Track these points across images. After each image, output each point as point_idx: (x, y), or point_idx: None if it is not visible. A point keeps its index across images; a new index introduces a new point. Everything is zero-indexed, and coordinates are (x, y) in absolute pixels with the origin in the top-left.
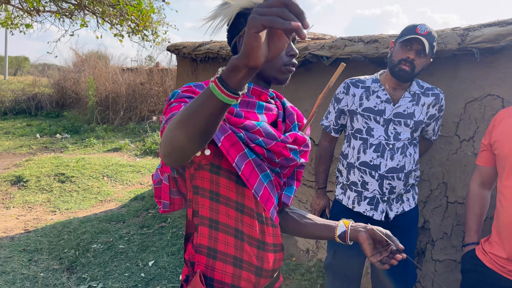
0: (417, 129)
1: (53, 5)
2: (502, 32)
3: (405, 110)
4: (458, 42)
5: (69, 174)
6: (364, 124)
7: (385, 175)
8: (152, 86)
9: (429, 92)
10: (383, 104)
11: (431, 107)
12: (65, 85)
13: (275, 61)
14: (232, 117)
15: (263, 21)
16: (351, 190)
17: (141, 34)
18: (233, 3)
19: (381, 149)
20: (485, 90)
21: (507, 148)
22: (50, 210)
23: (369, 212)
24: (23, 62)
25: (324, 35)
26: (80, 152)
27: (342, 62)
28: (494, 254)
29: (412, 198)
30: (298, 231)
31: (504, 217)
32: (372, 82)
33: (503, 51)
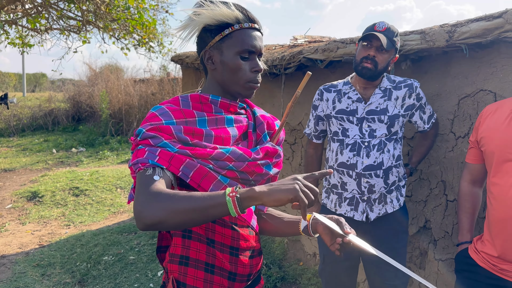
0: (393, 124)
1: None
2: (489, 26)
3: (377, 107)
4: (446, 39)
5: (83, 188)
6: (339, 126)
7: (362, 173)
8: (164, 95)
9: (401, 84)
10: (355, 104)
11: (407, 98)
12: (80, 99)
13: (239, 78)
14: (200, 151)
15: (298, 197)
16: (333, 193)
17: (146, 46)
18: (197, 19)
19: (357, 147)
20: (477, 85)
21: (493, 145)
22: (64, 224)
23: (350, 213)
24: (41, 79)
25: (322, 37)
26: (95, 165)
27: (308, 71)
28: (486, 253)
29: (397, 200)
30: (272, 232)
31: (493, 215)
32: (344, 85)
33: (493, 46)
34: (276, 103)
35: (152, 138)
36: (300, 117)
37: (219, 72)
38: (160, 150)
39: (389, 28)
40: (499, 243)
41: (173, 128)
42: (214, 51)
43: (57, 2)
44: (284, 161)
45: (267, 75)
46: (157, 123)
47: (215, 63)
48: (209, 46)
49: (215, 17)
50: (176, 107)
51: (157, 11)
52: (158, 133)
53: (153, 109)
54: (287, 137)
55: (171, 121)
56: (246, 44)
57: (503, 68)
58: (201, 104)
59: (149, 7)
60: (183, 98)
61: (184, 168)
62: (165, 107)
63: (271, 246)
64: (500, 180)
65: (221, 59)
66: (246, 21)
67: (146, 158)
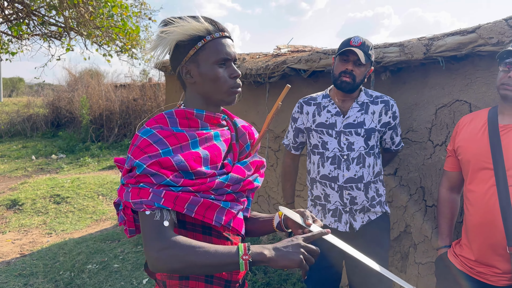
0: (369, 137)
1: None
2: (464, 40)
3: (355, 120)
4: (423, 51)
5: (65, 195)
6: (319, 139)
7: (343, 185)
8: (146, 101)
9: (378, 100)
10: (334, 117)
11: (384, 114)
12: (60, 104)
13: (220, 86)
14: (201, 185)
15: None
16: (317, 204)
17: (129, 52)
18: (169, 37)
19: (337, 161)
20: (453, 96)
21: (469, 154)
22: (46, 232)
23: (334, 224)
24: (18, 83)
25: (305, 47)
26: (75, 171)
27: (287, 84)
28: (464, 256)
29: (381, 208)
30: (251, 233)
31: (470, 220)
32: (323, 98)
33: (468, 59)
34: (260, 110)
35: (154, 176)
36: (285, 124)
37: (200, 84)
38: (165, 192)
39: (364, 42)
40: (476, 247)
41: (173, 160)
42: (190, 64)
43: (39, 8)
44: (269, 167)
45: (252, 84)
46: (155, 154)
47: (193, 76)
48: (185, 61)
49: (186, 32)
50: (166, 128)
51: (140, 18)
52: (160, 170)
53: (144, 133)
54: (272, 144)
55: (168, 150)
56: (221, 53)
57: (477, 80)
58: (187, 120)
59: (132, 15)
60: (169, 115)
61: (188, 205)
62: (157, 132)
63: None
64: (476, 187)
65: (199, 71)
66: (217, 31)
67: (151, 200)
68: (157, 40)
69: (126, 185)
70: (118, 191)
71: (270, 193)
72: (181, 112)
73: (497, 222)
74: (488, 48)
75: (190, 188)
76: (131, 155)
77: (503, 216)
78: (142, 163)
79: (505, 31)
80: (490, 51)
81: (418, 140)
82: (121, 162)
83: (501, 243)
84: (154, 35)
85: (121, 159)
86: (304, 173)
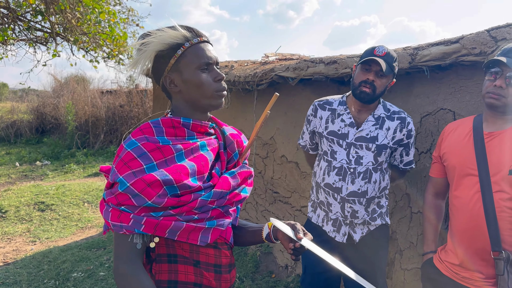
0: (380, 153)
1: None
2: (447, 50)
3: (368, 134)
4: (408, 61)
5: (49, 202)
6: (329, 147)
7: (346, 198)
8: (132, 108)
9: (394, 116)
10: (347, 128)
11: (398, 131)
12: (44, 110)
13: (206, 90)
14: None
15: None
16: (320, 208)
17: (116, 59)
18: (147, 49)
19: (343, 172)
20: (438, 104)
21: (454, 160)
22: (30, 240)
23: (332, 233)
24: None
25: (292, 55)
26: (61, 178)
27: (276, 93)
28: (449, 262)
29: (382, 220)
30: (239, 242)
31: (455, 226)
32: (339, 105)
33: (452, 68)
34: (248, 117)
35: (136, 197)
36: (272, 131)
37: (185, 91)
38: (145, 219)
39: (388, 53)
40: (461, 252)
41: (157, 176)
42: (173, 74)
43: (24, 13)
44: (256, 174)
45: (240, 91)
46: (139, 170)
47: (178, 85)
48: (167, 71)
49: (164, 41)
50: (152, 139)
51: (127, 25)
52: (143, 191)
53: (129, 146)
54: (260, 150)
55: (152, 165)
56: (202, 58)
57: (461, 89)
58: (174, 129)
59: (120, 21)
60: (155, 124)
61: (170, 231)
62: (141, 146)
63: (243, 259)
64: (461, 193)
65: (183, 78)
66: (195, 37)
67: (131, 226)
68: (137, 54)
69: (107, 202)
70: (100, 203)
71: (258, 200)
72: (168, 121)
73: (481, 227)
74: (471, 58)
75: (172, 212)
76: (115, 168)
77: (487, 221)
78: (126, 181)
79: (487, 41)
80: (473, 61)
81: None
82: (108, 171)
83: (486, 248)
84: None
85: (107, 168)
86: (292, 180)
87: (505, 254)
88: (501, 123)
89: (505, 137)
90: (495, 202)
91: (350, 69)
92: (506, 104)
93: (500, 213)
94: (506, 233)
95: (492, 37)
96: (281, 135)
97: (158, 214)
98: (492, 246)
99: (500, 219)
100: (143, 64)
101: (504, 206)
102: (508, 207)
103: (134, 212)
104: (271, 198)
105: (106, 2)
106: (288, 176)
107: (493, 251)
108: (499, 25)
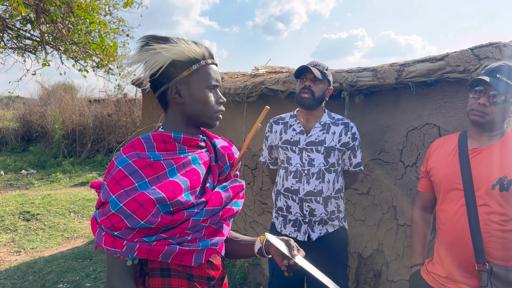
0: (329, 154)
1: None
2: (433, 67)
3: (317, 138)
4: (395, 76)
5: (35, 212)
6: (284, 155)
7: (303, 198)
8: (120, 117)
9: (339, 122)
10: (298, 135)
11: (344, 135)
12: (31, 119)
13: (209, 109)
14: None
15: None
16: (279, 215)
17: (105, 68)
18: (167, 53)
19: (298, 175)
20: (423, 119)
21: (441, 175)
22: (14, 250)
23: (293, 234)
24: None
25: (282, 68)
26: (46, 188)
27: (267, 106)
28: (435, 273)
29: (338, 221)
30: (230, 254)
31: (441, 238)
32: (290, 118)
33: (437, 84)
34: (238, 129)
35: (128, 218)
36: (261, 143)
37: (188, 105)
38: (138, 246)
39: (318, 64)
40: (447, 264)
41: (149, 194)
42: (181, 85)
43: (14, 22)
44: (246, 185)
45: (230, 102)
46: (131, 188)
47: (183, 97)
48: (175, 80)
49: (187, 52)
50: (143, 155)
51: (117, 35)
52: (136, 211)
53: (120, 163)
54: (249, 162)
55: (144, 182)
56: (213, 79)
57: (445, 105)
58: (165, 144)
59: (110, 31)
60: (146, 140)
61: (163, 255)
62: (133, 163)
63: (231, 270)
64: (447, 207)
65: (190, 93)
66: (210, 58)
67: (125, 252)
68: (151, 53)
69: (100, 225)
70: (91, 220)
71: (246, 211)
72: (158, 136)
73: (466, 240)
74: (455, 75)
75: (164, 235)
76: (106, 186)
77: (472, 234)
78: (118, 201)
79: (471, 60)
80: (458, 78)
81: (390, 161)
82: (98, 187)
83: (470, 261)
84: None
85: (98, 183)
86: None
87: (489, 266)
88: (485, 140)
89: (489, 153)
90: (479, 216)
91: (338, 83)
92: (489, 121)
93: (484, 226)
94: (490, 246)
95: (475, 56)
96: None
97: (151, 239)
98: (476, 258)
99: (484, 232)
100: (153, 64)
101: (488, 219)
102: (492, 220)
103: (127, 238)
104: (260, 209)
105: (97, 12)
106: (267, 185)
107: (477, 263)
108: (482, 44)
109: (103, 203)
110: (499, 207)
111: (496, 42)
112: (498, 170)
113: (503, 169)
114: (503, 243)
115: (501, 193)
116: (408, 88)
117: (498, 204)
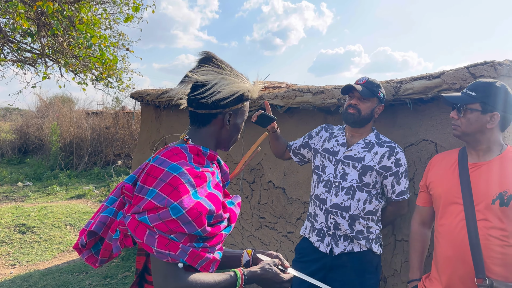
0: (365, 173)
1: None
2: (429, 85)
3: (356, 154)
4: (392, 93)
5: (30, 224)
6: (321, 162)
7: (329, 209)
8: (118, 129)
9: (384, 144)
10: (338, 146)
11: (386, 158)
12: (28, 130)
13: (237, 138)
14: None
15: None
16: (308, 220)
17: (105, 81)
18: (241, 84)
19: (329, 185)
20: (420, 135)
21: (440, 189)
22: (9, 263)
23: (317, 243)
24: None
25: (280, 83)
26: (43, 200)
27: (266, 132)
28: None
29: (367, 243)
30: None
31: (440, 253)
32: (338, 130)
33: (433, 101)
34: (237, 142)
35: (187, 225)
36: (259, 157)
37: (229, 131)
38: (191, 250)
39: (370, 81)
40: (445, 278)
41: (205, 204)
42: (232, 113)
43: (15, 35)
44: (243, 199)
45: None
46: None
47: (230, 124)
48: (230, 109)
49: (251, 90)
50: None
51: (117, 48)
52: (196, 219)
53: (173, 170)
54: (247, 176)
55: (195, 192)
56: (247, 115)
57: (442, 121)
58: (198, 157)
59: (110, 45)
60: (185, 150)
61: (201, 261)
62: (186, 171)
63: None
64: (446, 221)
65: (234, 122)
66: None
67: (178, 256)
68: (227, 78)
69: (151, 228)
70: (129, 224)
71: (244, 225)
72: (194, 149)
73: (466, 254)
74: (451, 93)
75: (207, 244)
76: (160, 191)
77: (471, 249)
78: (180, 208)
79: (467, 77)
80: None
81: None
82: (130, 190)
83: (470, 275)
84: (225, 72)
85: (130, 187)
86: (278, 205)
87: (489, 281)
88: (485, 155)
89: (488, 168)
90: (479, 230)
91: (336, 99)
92: (462, 132)
93: (483, 240)
94: (490, 261)
95: (471, 74)
96: (268, 160)
97: (199, 245)
98: (476, 273)
99: (484, 247)
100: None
101: (487, 234)
102: (491, 235)
103: (181, 241)
104: (258, 223)
105: (98, 26)
106: (275, 201)
107: (477, 278)
108: (477, 63)
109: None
110: (499, 222)
111: (491, 60)
112: (498, 185)
113: (503, 184)
114: (503, 259)
115: (501, 208)
116: (405, 104)
117: (498, 219)
